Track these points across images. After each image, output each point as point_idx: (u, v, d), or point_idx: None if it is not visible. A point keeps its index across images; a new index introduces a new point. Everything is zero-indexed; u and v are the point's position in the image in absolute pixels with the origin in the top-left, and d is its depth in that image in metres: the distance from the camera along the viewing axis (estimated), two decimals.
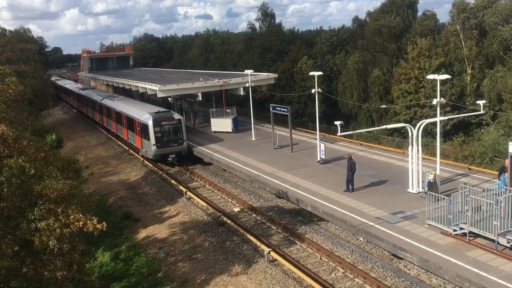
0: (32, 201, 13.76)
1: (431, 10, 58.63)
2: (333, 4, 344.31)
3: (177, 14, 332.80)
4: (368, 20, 58.51)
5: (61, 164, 16.08)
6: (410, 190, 23.95)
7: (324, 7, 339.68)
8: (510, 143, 18.93)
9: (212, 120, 43.76)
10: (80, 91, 66.75)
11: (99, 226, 13.56)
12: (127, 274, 21.16)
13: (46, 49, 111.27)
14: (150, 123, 35.72)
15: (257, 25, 75.95)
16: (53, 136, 52.25)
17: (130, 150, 42.62)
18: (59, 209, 13.54)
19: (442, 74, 25.57)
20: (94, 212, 14.92)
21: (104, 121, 52.63)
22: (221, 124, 42.99)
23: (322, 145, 30.87)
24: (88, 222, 13.38)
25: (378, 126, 31.12)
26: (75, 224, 13.29)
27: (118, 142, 46.87)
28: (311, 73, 32.77)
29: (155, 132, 35.40)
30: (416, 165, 23.57)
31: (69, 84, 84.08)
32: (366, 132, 37.55)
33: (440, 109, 23.43)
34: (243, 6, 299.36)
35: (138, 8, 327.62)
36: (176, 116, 37.11)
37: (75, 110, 75.90)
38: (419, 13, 55.23)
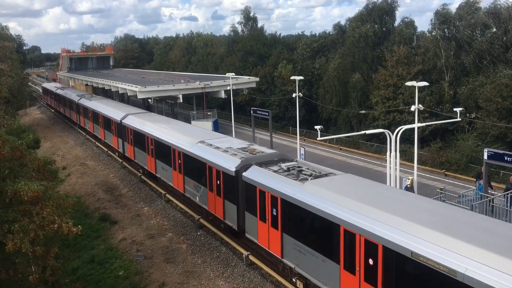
0: (6, 202, 13.47)
1: (409, 17, 59.41)
2: (317, 10, 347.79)
3: (162, 15, 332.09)
4: (347, 26, 59.00)
5: (37, 165, 15.82)
6: None
7: (309, 12, 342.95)
8: (485, 150, 19.33)
9: (193, 123, 43.61)
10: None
11: (74, 229, 13.34)
12: (103, 277, 20.88)
13: (25, 48, 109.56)
14: None
15: (239, 28, 76.15)
16: (30, 136, 51.36)
17: (109, 151, 42.12)
18: (34, 211, 13.29)
19: (420, 81, 25.94)
20: (71, 215, 14.68)
21: None
22: (202, 126, 42.96)
23: (302, 149, 31.04)
24: (63, 225, 13.15)
25: (357, 131, 31.43)
26: (50, 226, 13.05)
27: (97, 143, 46.21)
28: (292, 78, 32.99)
29: None
30: (394, 171, 23.86)
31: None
32: (346, 137, 37.83)
33: (418, 116, 23.79)
34: (229, 9, 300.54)
35: (123, 8, 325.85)
36: None
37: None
38: (398, 21, 55.97)
